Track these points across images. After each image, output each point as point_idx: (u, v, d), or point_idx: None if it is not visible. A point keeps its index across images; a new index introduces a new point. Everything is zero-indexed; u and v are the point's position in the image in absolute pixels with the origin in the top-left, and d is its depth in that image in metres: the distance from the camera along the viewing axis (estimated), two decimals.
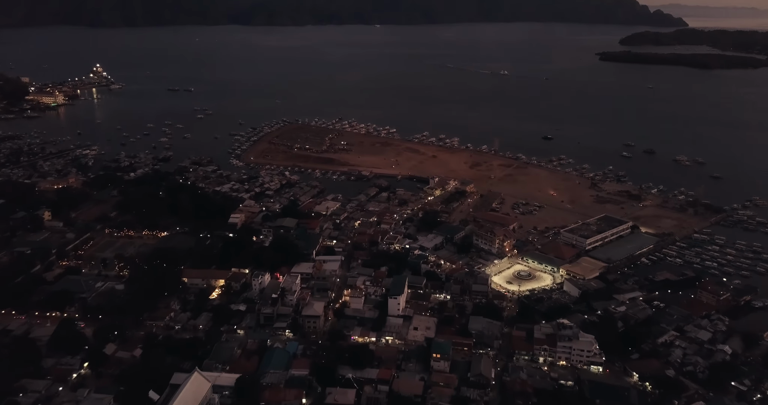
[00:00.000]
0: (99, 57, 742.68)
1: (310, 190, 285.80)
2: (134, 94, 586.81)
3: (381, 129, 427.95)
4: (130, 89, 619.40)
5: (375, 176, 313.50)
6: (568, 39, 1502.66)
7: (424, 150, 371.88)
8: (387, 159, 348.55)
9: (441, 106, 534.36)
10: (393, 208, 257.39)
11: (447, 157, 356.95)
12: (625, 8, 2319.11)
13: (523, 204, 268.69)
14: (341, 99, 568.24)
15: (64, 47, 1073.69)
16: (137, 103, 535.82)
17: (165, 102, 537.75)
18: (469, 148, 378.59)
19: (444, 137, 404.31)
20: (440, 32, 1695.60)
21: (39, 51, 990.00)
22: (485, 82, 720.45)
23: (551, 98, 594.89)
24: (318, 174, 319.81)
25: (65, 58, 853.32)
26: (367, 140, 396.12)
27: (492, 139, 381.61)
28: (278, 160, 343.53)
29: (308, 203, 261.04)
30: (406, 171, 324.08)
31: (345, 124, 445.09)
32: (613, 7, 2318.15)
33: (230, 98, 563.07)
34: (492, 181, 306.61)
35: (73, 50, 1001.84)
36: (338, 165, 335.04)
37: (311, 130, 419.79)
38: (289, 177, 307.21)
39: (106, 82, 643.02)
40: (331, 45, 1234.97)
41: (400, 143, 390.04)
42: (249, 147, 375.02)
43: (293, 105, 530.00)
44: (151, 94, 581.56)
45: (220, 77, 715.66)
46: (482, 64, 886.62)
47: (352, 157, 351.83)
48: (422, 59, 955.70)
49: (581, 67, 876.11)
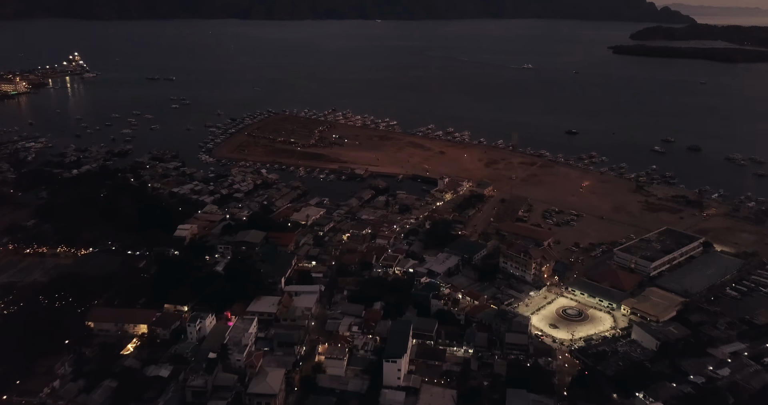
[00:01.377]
0: (83, 47, 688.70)
1: (290, 192, 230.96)
2: (108, 83, 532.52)
3: (380, 121, 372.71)
4: (105, 78, 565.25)
5: (371, 175, 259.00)
6: (575, 34, 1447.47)
7: (429, 145, 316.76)
8: (386, 155, 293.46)
9: (448, 98, 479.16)
10: (392, 216, 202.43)
11: (457, 153, 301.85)
12: (631, 5, 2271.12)
13: (555, 212, 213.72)
14: (337, 89, 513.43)
15: (51, 38, 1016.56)
16: (108, 91, 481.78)
17: (140, 91, 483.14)
18: (483, 144, 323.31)
19: (452, 131, 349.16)
20: (443, 27, 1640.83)
21: (26, 42, 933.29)
22: (499, 74, 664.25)
23: (572, 91, 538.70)
24: (302, 172, 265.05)
25: (48, 49, 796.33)
26: (363, 133, 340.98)
27: (510, 133, 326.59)
28: (256, 156, 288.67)
29: (285, 209, 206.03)
30: (409, 169, 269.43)
31: (339, 115, 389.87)
32: (619, 4, 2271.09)
33: (213, 87, 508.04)
34: (514, 182, 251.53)
35: (58, 41, 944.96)
36: (327, 162, 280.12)
37: (299, 122, 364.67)
38: (265, 176, 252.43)
39: (80, 70, 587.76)
40: (329, 37, 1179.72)
41: (401, 137, 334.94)
42: (224, 140, 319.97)
43: (283, 95, 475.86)
44: (126, 83, 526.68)
45: (207, 66, 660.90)
46: (493, 56, 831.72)
47: (345, 152, 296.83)
48: (426, 51, 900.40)
49: (597, 60, 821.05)
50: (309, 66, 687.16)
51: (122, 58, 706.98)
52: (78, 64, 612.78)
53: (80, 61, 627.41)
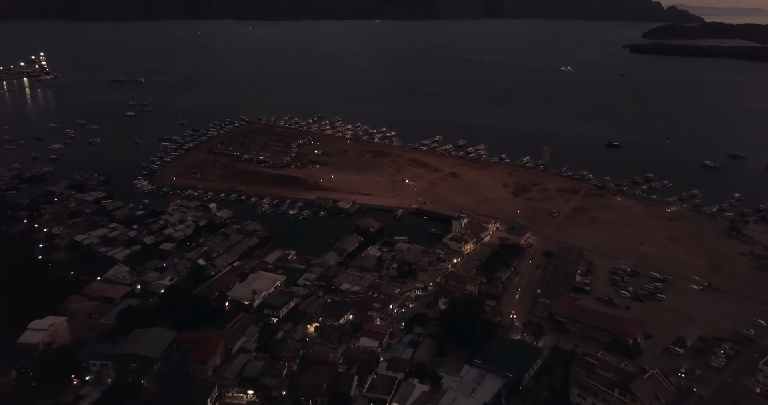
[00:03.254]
0: (60, 48, 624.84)
1: (242, 240, 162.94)
2: (66, 86, 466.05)
3: (374, 132, 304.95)
4: (66, 80, 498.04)
5: (360, 209, 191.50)
6: (582, 34, 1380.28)
7: (437, 163, 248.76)
8: (381, 178, 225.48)
9: (457, 104, 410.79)
10: (388, 285, 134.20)
11: (473, 175, 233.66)
12: (637, 5, 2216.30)
13: (627, 273, 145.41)
14: (327, 93, 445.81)
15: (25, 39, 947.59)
16: (60, 96, 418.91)
17: (98, 95, 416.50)
18: (505, 162, 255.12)
19: (464, 143, 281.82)
20: (445, 27, 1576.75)
21: None
22: (512, 75, 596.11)
23: (601, 95, 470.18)
24: (266, 206, 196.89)
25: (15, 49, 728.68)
26: (353, 148, 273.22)
27: (539, 147, 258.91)
28: (210, 181, 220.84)
29: (225, 275, 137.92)
30: (412, 200, 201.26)
31: (325, 124, 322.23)
32: (623, 4, 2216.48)
33: (185, 91, 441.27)
34: (556, 221, 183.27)
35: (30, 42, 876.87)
36: (302, 189, 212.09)
37: (275, 134, 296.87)
38: (213, 213, 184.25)
39: (38, 72, 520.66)
40: (326, 37, 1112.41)
41: (401, 152, 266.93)
42: (176, 158, 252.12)
43: (263, 100, 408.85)
44: (87, 86, 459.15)
45: (185, 68, 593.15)
46: (503, 56, 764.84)
47: (327, 174, 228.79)
48: (429, 51, 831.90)
49: (616, 59, 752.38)
50: (299, 67, 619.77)
51: (96, 59, 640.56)
52: (40, 66, 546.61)
53: (43, 62, 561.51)
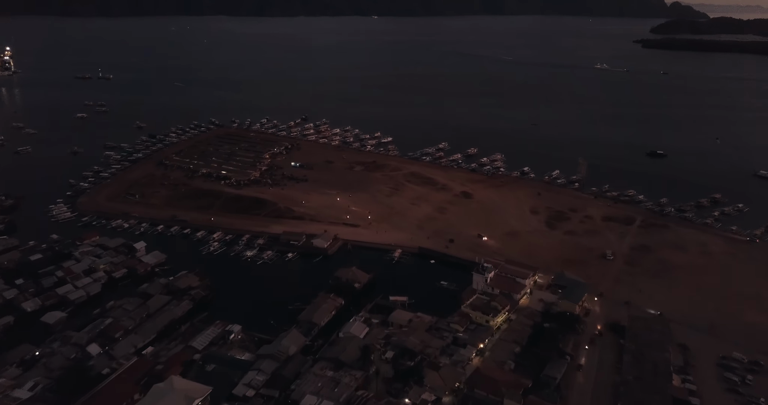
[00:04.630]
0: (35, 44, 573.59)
1: (167, 306, 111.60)
2: (21, 83, 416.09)
3: (367, 137, 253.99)
4: (24, 76, 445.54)
5: (343, 248, 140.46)
6: (587, 30, 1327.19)
7: (443, 179, 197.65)
8: (374, 200, 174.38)
9: (465, 104, 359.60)
10: (378, 402, 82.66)
11: (491, 195, 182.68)
12: (639, 2, 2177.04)
13: (745, 367, 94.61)
14: (316, 91, 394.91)
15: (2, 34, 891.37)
16: (7, 94, 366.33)
17: (52, 93, 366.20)
18: (529, 176, 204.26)
19: (475, 152, 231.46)
20: (444, 23, 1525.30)
21: None
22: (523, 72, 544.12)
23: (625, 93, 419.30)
24: (215, 245, 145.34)
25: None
26: (341, 158, 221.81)
27: (572, 159, 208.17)
28: (149, 207, 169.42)
29: (117, 381, 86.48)
30: (413, 233, 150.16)
31: (309, 128, 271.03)
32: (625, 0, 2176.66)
33: (155, 90, 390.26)
34: (614, 266, 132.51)
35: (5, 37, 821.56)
36: (268, 219, 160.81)
37: (247, 140, 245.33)
38: (137, 258, 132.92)
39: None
40: (321, 33, 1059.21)
41: (399, 164, 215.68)
42: (117, 173, 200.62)
43: (241, 99, 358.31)
44: (44, 83, 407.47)
45: (162, 65, 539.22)
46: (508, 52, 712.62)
47: (304, 195, 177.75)
48: (431, 47, 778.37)
49: (630, 55, 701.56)
50: (288, 64, 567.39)
51: (69, 55, 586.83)
52: (1, 61, 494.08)
53: (6, 56, 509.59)
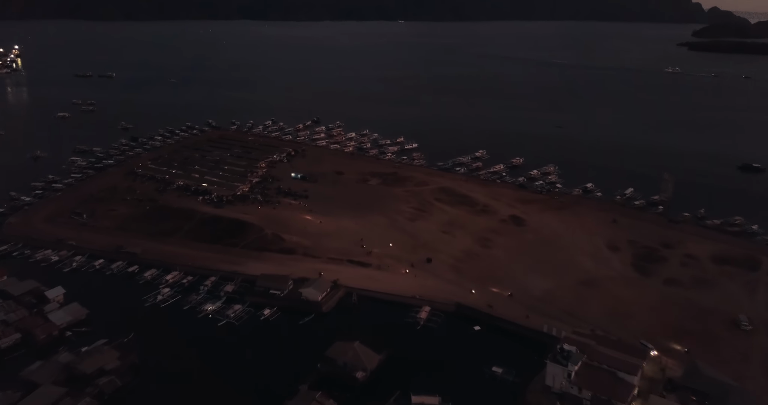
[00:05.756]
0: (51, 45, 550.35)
1: None
2: (15, 81, 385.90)
3: (387, 143, 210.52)
4: (24, 74, 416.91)
5: (345, 301, 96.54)
6: (625, 34, 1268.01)
7: (485, 197, 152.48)
8: (391, 225, 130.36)
9: (504, 105, 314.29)
10: None
11: (550, 222, 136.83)
12: (676, 6, 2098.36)
13: None
14: (333, 92, 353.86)
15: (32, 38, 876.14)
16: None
17: (43, 91, 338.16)
18: (595, 195, 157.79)
19: (520, 162, 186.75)
20: (474, 27, 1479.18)
21: None
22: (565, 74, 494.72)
23: (699, 97, 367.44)
24: (165, 292, 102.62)
25: None
26: (353, 168, 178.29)
27: (647, 172, 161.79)
28: (97, 231, 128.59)
29: None
30: (446, 282, 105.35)
31: (320, 131, 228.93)
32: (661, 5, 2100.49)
33: (156, 88, 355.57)
34: (754, 342, 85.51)
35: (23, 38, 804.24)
36: (247, 251, 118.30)
37: (244, 144, 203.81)
38: (44, 314, 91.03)
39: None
40: (345, 34, 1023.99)
41: (426, 177, 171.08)
42: (75, 184, 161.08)
43: (250, 98, 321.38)
44: (40, 81, 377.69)
45: (172, 63, 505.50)
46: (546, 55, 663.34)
47: (301, 217, 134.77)
48: (461, 49, 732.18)
49: (677, 57, 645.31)
50: (307, 64, 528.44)
51: (77, 54, 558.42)
52: (4, 59, 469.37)
53: (12, 55, 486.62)
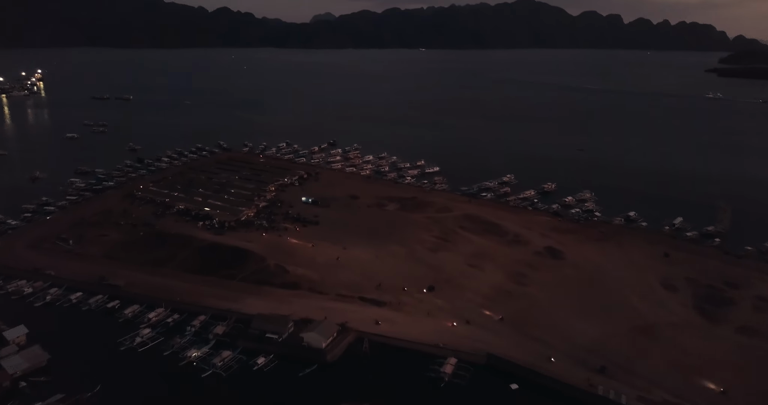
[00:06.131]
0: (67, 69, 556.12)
1: None
2: (34, 103, 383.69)
3: (407, 166, 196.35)
4: (41, 97, 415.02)
5: (354, 348, 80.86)
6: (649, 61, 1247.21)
7: (514, 225, 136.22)
8: (411, 258, 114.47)
9: (528, 128, 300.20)
10: None
11: (591, 254, 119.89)
12: (700, 35, 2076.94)
13: None
14: (352, 115, 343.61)
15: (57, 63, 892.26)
16: (10, 113, 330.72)
17: (57, 113, 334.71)
18: (639, 225, 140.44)
19: (552, 188, 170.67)
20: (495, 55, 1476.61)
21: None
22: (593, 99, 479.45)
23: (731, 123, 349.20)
24: (145, 334, 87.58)
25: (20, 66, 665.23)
26: (368, 191, 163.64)
27: (698, 200, 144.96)
28: (81, 259, 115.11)
29: None
30: (476, 327, 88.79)
31: (336, 154, 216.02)
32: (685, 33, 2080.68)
33: (171, 110, 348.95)
34: None
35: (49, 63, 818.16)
36: (245, 286, 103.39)
37: (255, 166, 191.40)
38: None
39: (14, 86, 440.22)
40: (367, 61, 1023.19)
41: (449, 202, 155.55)
42: (64, 208, 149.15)
43: (267, 120, 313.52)
44: (57, 103, 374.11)
45: (191, 87, 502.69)
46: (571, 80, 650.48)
47: (309, 244, 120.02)
48: (484, 74, 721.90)
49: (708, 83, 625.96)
50: (326, 87, 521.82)
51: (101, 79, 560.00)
52: (24, 83, 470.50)
53: (34, 78, 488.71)
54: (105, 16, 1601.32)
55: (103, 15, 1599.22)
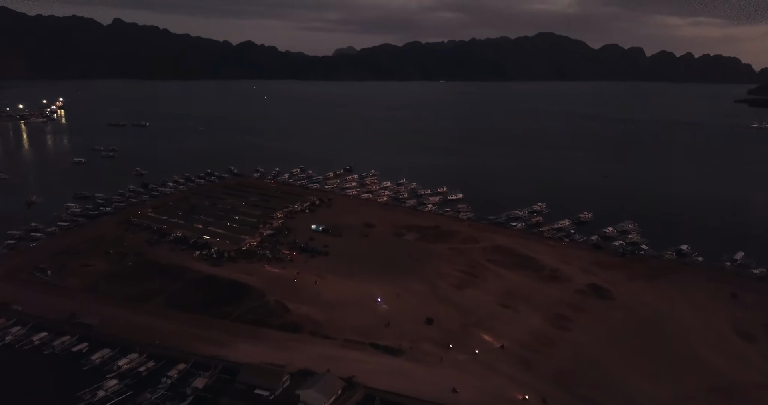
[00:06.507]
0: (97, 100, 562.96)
1: None
2: (53, 129, 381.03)
3: (427, 193, 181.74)
4: (58, 124, 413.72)
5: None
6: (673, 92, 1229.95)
7: (551, 259, 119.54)
8: (432, 297, 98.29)
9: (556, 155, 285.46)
10: None
11: (643, 294, 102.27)
12: (726, 67, 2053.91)
13: None
14: (370, 142, 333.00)
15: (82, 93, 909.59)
16: (27, 139, 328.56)
17: (71, 139, 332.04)
18: (693, 260, 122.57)
19: (589, 218, 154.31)
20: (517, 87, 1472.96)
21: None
22: (636, 130, 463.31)
23: None
24: (112, 382, 72.46)
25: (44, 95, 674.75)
26: (385, 219, 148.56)
27: (755, 232, 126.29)
28: (57, 292, 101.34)
29: None
30: (513, 382, 71.87)
31: (351, 179, 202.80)
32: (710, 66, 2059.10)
33: (186, 135, 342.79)
34: None
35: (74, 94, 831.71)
36: (238, 326, 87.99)
37: (264, 192, 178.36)
38: None
39: (29, 113, 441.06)
40: (388, 92, 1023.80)
41: (475, 232, 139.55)
42: (53, 234, 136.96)
43: (282, 146, 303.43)
44: (73, 129, 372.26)
45: (208, 113, 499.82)
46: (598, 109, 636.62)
47: (316, 278, 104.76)
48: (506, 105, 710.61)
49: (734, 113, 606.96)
50: (347, 116, 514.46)
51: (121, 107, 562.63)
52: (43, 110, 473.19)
53: (54, 106, 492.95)
54: (135, 50, 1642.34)
55: (132, 49, 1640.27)
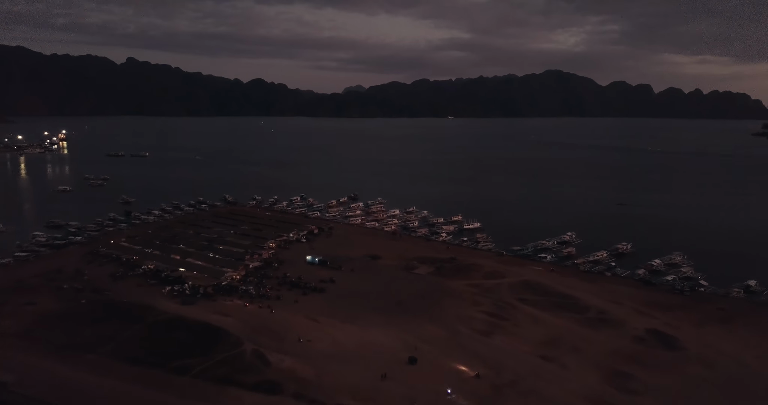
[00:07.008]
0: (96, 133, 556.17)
1: None
2: (49, 159, 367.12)
3: (440, 222, 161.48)
4: (56, 155, 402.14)
5: None
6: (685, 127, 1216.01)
7: (593, 298, 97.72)
8: (452, 343, 76.85)
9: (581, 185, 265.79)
10: None
11: (718, 343, 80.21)
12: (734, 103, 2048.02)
13: None
14: (377, 171, 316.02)
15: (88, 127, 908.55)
16: (19, 169, 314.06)
17: (64, 169, 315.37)
18: (763, 297, 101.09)
19: (627, 249, 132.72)
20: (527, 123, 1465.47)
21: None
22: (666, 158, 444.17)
23: None
24: None
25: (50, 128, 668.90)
26: (393, 250, 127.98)
27: None
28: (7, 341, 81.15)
29: None
30: None
31: (356, 207, 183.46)
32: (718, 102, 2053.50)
33: (181, 164, 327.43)
34: None
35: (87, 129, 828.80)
36: (202, 386, 66.50)
37: (258, 221, 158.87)
38: None
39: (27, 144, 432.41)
40: (397, 127, 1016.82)
41: (498, 265, 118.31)
42: (10, 265, 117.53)
43: (283, 175, 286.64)
44: (68, 160, 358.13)
45: (213, 145, 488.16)
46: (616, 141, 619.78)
47: (307, 322, 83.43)
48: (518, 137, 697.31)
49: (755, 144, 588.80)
50: (355, 148, 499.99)
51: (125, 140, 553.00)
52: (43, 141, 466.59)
53: (55, 138, 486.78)
54: (146, 87, 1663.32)
55: (144, 86, 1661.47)
